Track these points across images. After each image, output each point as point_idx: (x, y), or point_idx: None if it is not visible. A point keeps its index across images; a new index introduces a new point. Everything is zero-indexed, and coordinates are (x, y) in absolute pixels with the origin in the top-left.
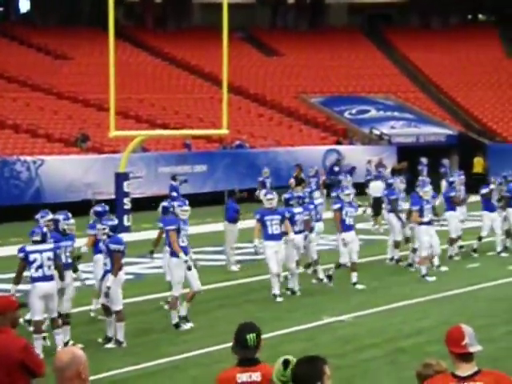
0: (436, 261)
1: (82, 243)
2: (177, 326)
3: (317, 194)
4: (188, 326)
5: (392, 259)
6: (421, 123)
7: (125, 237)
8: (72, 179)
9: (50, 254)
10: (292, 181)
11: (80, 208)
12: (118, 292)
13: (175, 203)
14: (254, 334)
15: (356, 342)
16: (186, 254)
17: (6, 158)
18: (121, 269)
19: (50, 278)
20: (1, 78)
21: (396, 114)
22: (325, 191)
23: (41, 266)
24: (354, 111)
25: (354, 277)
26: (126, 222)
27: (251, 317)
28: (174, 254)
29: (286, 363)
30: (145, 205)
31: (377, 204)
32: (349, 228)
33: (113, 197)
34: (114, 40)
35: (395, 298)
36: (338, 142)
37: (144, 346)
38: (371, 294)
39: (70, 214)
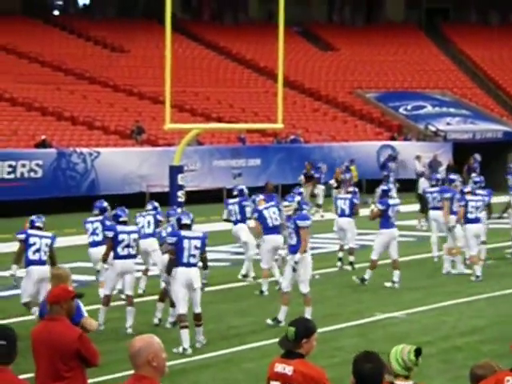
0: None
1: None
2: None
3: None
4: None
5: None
6: (477, 120)
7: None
8: (127, 171)
9: (48, 241)
10: (302, 178)
11: (134, 200)
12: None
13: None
14: (294, 328)
15: (409, 339)
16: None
17: (63, 149)
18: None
19: (45, 263)
20: (58, 70)
21: (452, 110)
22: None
23: (38, 250)
24: (409, 107)
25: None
26: None
27: (301, 311)
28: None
29: (418, 352)
30: (199, 198)
31: (421, 201)
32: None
33: (167, 190)
34: (171, 33)
35: (449, 296)
36: (393, 138)
37: (195, 339)
38: (424, 291)
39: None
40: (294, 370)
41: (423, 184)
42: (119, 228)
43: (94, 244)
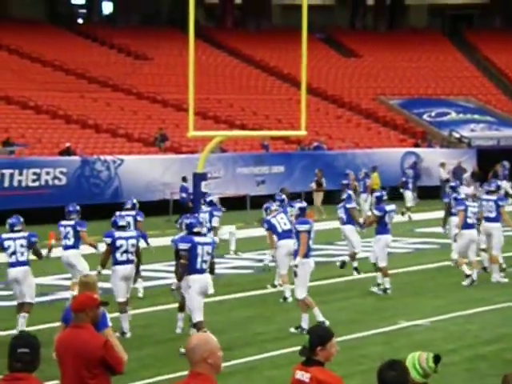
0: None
1: (155, 243)
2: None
3: (365, 196)
4: None
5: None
6: (502, 126)
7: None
8: (150, 179)
9: (24, 242)
10: (313, 185)
11: (158, 207)
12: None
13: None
14: (308, 336)
15: (433, 347)
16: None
17: (87, 157)
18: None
19: (22, 264)
20: (82, 78)
21: (476, 116)
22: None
23: (14, 253)
24: (433, 114)
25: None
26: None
27: (328, 318)
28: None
29: (437, 359)
30: (222, 205)
31: (446, 208)
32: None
33: (190, 197)
34: (194, 40)
35: (473, 304)
36: (417, 145)
37: (221, 345)
38: (448, 299)
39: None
40: (310, 378)
41: (466, 190)
42: (117, 234)
43: (66, 247)
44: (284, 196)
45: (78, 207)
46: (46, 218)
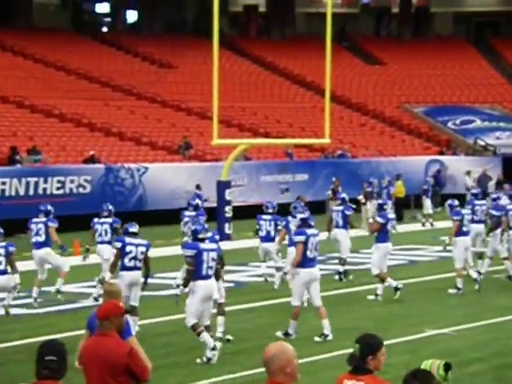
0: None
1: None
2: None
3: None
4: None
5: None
6: None
7: (225, 245)
8: (174, 187)
9: (2, 251)
10: (329, 193)
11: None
12: None
13: None
14: (358, 345)
15: (460, 355)
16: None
17: (111, 165)
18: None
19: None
20: (107, 86)
21: (502, 124)
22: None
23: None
24: (457, 121)
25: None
26: (227, 230)
27: (353, 326)
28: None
29: (447, 367)
30: (246, 213)
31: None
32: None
33: (214, 205)
34: (218, 49)
35: (500, 312)
36: (441, 153)
37: (243, 353)
38: (474, 307)
39: None
40: None
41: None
42: (127, 239)
43: (37, 245)
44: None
45: (49, 207)
46: (70, 226)
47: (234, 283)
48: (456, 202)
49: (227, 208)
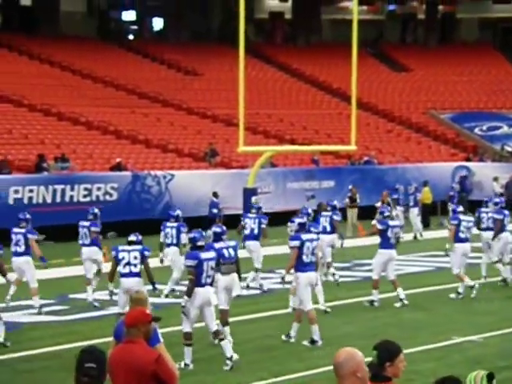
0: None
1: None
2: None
3: (415, 211)
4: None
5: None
6: None
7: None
8: (201, 194)
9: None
10: (347, 201)
11: (208, 222)
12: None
13: None
14: (376, 352)
15: (487, 363)
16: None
17: (138, 172)
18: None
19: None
20: (133, 93)
21: None
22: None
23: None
24: (484, 127)
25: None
26: None
27: (378, 333)
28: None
29: (490, 377)
30: (272, 220)
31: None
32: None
33: (240, 212)
34: (244, 56)
35: None
36: (468, 159)
37: (272, 360)
38: (501, 315)
39: None
40: None
41: None
42: (120, 247)
43: (17, 254)
44: (310, 210)
45: (27, 215)
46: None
47: (259, 290)
48: (460, 208)
49: (254, 198)
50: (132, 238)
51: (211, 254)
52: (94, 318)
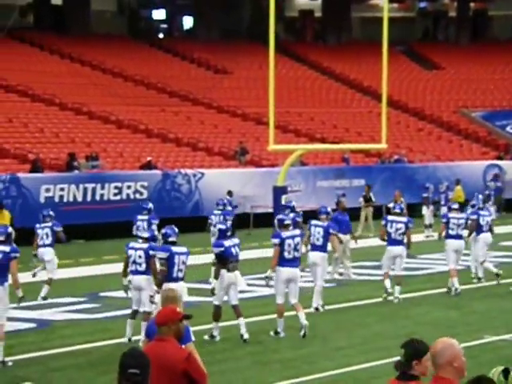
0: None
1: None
2: None
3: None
4: None
5: None
6: None
7: None
8: None
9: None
10: (361, 200)
11: (238, 221)
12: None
13: None
14: (404, 350)
15: None
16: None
17: (168, 170)
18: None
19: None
20: (163, 92)
21: None
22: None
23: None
24: None
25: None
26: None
27: (410, 332)
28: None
29: (506, 372)
30: (303, 219)
31: None
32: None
33: (270, 210)
34: (274, 54)
35: None
36: (500, 158)
37: (302, 359)
38: None
39: None
40: None
41: None
42: (131, 244)
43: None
44: (151, 205)
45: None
46: (127, 232)
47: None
48: (455, 206)
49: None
50: (143, 234)
51: (183, 249)
52: (124, 316)
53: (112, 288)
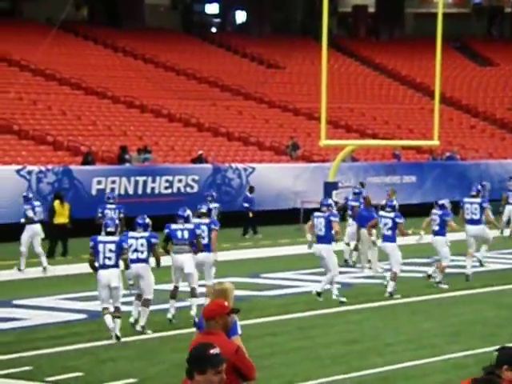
0: None
1: (286, 251)
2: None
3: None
4: None
5: None
6: None
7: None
8: (281, 187)
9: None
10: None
11: (288, 216)
12: None
13: None
14: (497, 353)
15: None
16: None
17: (219, 165)
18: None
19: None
20: (215, 86)
21: None
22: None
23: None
24: None
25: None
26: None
27: (461, 330)
28: None
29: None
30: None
31: None
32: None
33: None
34: (327, 50)
35: None
36: None
37: (352, 355)
38: None
39: None
40: None
41: None
42: (130, 234)
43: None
44: (330, 201)
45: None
46: None
47: (340, 284)
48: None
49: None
50: (140, 220)
51: (111, 238)
52: (165, 310)
53: (157, 281)
